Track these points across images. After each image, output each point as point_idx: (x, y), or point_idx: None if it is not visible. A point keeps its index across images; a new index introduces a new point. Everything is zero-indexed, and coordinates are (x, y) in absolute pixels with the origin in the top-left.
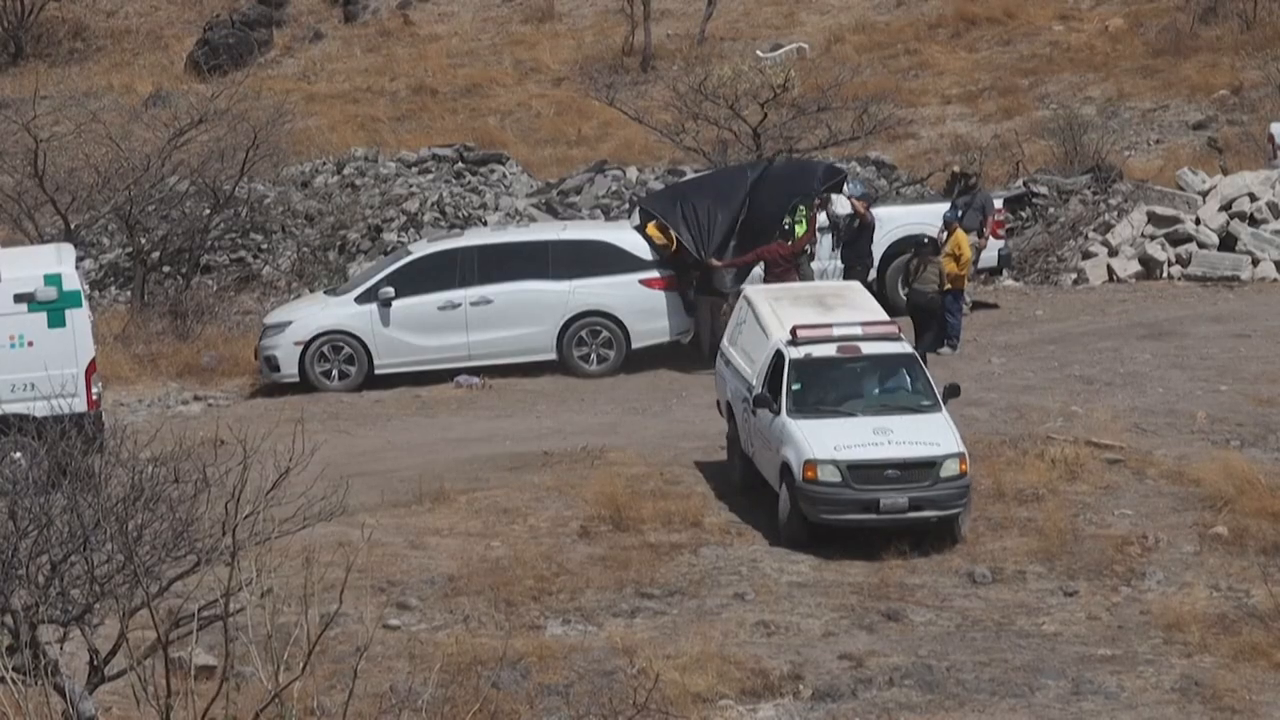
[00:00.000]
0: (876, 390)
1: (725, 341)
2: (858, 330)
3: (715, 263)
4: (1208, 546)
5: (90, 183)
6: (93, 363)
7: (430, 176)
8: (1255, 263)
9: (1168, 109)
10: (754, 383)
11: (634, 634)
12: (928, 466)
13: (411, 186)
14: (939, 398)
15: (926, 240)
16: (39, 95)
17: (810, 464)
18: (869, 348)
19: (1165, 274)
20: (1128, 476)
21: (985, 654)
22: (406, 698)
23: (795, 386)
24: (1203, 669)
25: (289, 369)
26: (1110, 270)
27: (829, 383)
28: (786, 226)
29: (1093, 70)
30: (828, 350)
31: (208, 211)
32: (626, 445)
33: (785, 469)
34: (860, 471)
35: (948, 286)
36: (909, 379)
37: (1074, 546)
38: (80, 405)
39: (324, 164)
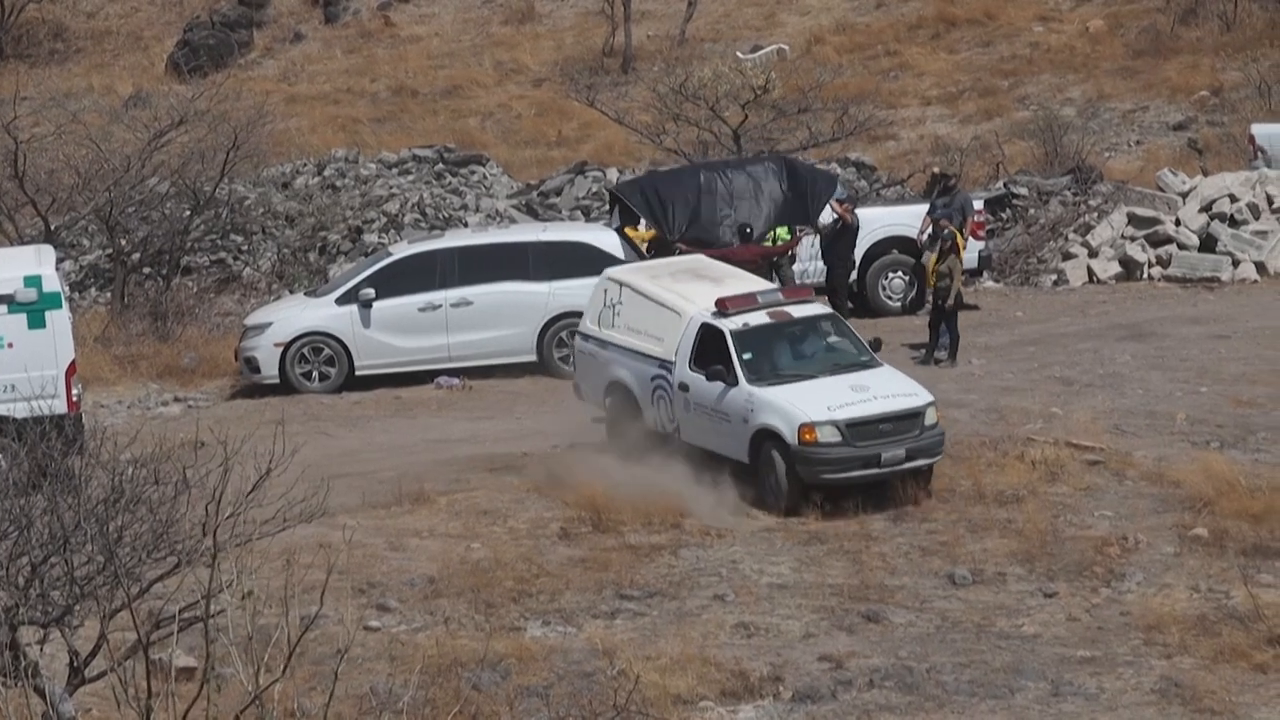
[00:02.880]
0: (819, 352)
1: (591, 326)
2: (779, 296)
3: (682, 246)
4: (1187, 548)
5: (70, 184)
6: (73, 364)
7: (411, 178)
8: (1235, 264)
9: (1148, 110)
10: (672, 359)
11: (614, 635)
12: (915, 417)
13: (392, 188)
14: (872, 352)
15: (945, 234)
16: (19, 96)
17: (807, 426)
18: (797, 311)
19: (1145, 275)
20: (1108, 478)
21: (965, 655)
22: (387, 699)
23: (746, 356)
24: (1182, 670)
25: (269, 370)
26: (1090, 271)
27: (774, 349)
28: (755, 231)
29: (1073, 71)
30: (762, 318)
31: (188, 213)
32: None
33: (768, 436)
34: (858, 428)
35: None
36: (841, 338)
37: (1054, 548)
38: (60, 407)
39: (304, 165)
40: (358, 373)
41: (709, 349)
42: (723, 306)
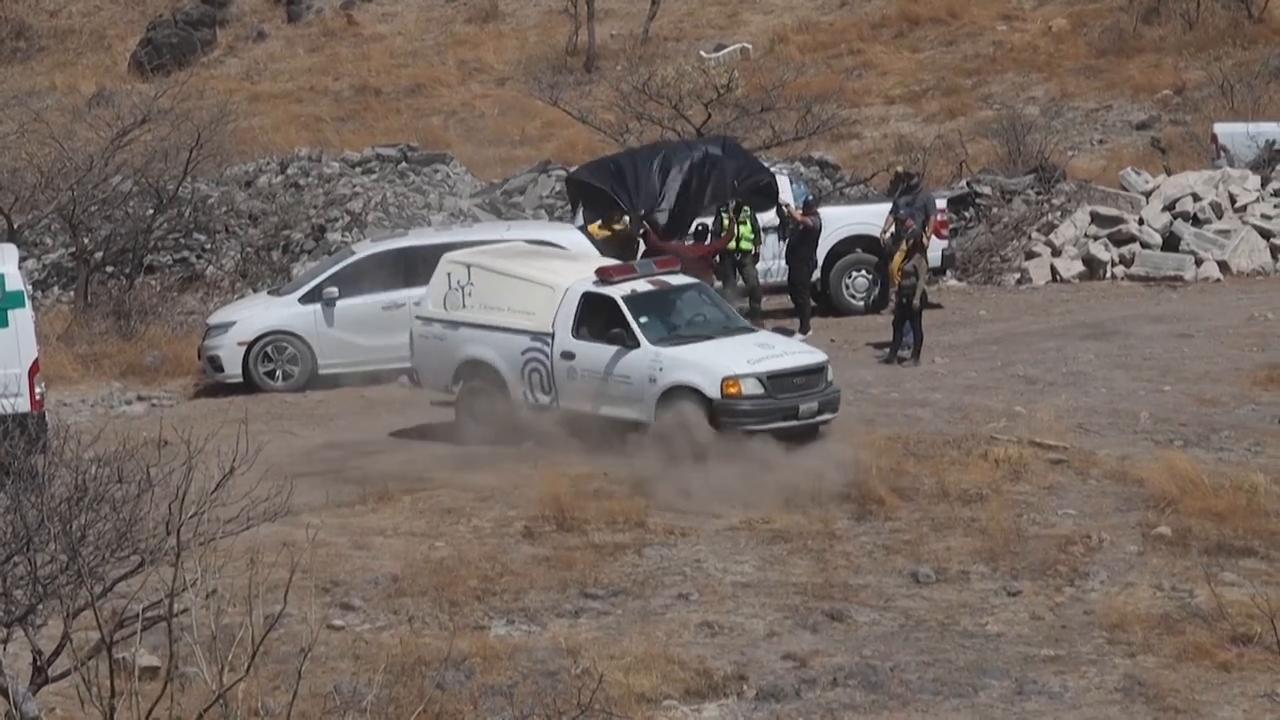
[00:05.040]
0: (702, 316)
1: (435, 309)
2: (652, 266)
3: (646, 225)
4: (1151, 546)
5: (33, 182)
6: (36, 363)
7: (374, 176)
8: (1198, 263)
9: (1111, 109)
10: (548, 331)
11: (578, 634)
12: (819, 372)
13: (355, 186)
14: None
15: (911, 232)
16: None
17: (731, 379)
18: (673, 280)
19: (1109, 274)
20: (1071, 476)
21: (929, 654)
22: (351, 698)
23: (643, 320)
24: (1146, 669)
25: (233, 369)
26: (1054, 270)
27: (664, 314)
28: (709, 228)
29: (1036, 70)
30: (645, 285)
31: (151, 211)
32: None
33: (683, 393)
34: (778, 381)
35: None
36: (715, 305)
37: (1017, 546)
38: (23, 405)
39: (268, 164)
40: (321, 372)
41: (593, 317)
42: (606, 275)
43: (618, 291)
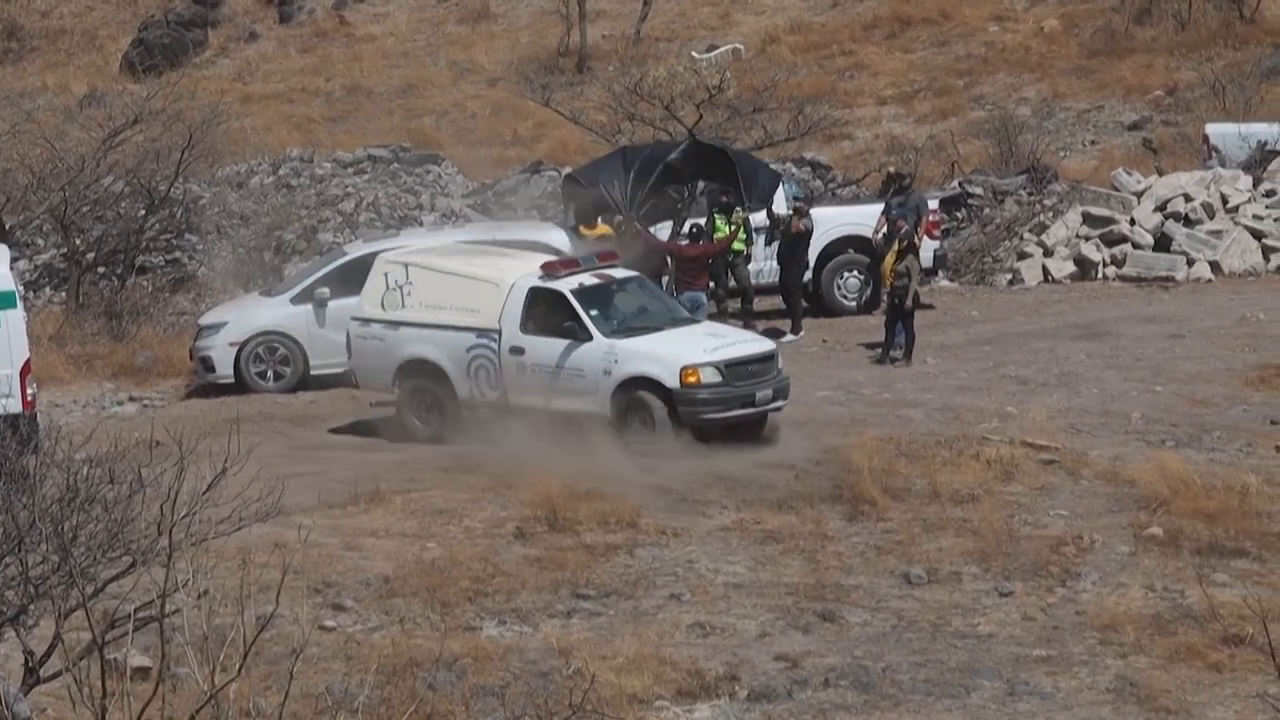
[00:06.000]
0: (646, 309)
1: (373, 310)
2: (595, 260)
3: (638, 226)
4: (1143, 547)
5: (25, 183)
6: (28, 363)
7: (366, 177)
8: (1190, 263)
9: (1103, 110)
10: (495, 327)
11: (570, 635)
12: (771, 360)
13: (347, 187)
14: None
15: (903, 233)
16: None
17: (690, 369)
18: (616, 274)
19: (1100, 275)
20: (1063, 477)
21: (921, 655)
22: (342, 699)
23: (593, 313)
24: (1138, 669)
25: (224, 370)
26: (1045, 271)
27: (611, 306)
28: (703, 228)
29: (1028, 71)
30: (591, 279)
31: (143, 212)
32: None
33: (640, 384)
34: (735, 369)
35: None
36: (656, 297)
37: (1009, 547)
38: (15, 406)
39: (259, 164)
40: (313, 372)
41: (541, 312)
42: (551, 270)
43: (565, 285)
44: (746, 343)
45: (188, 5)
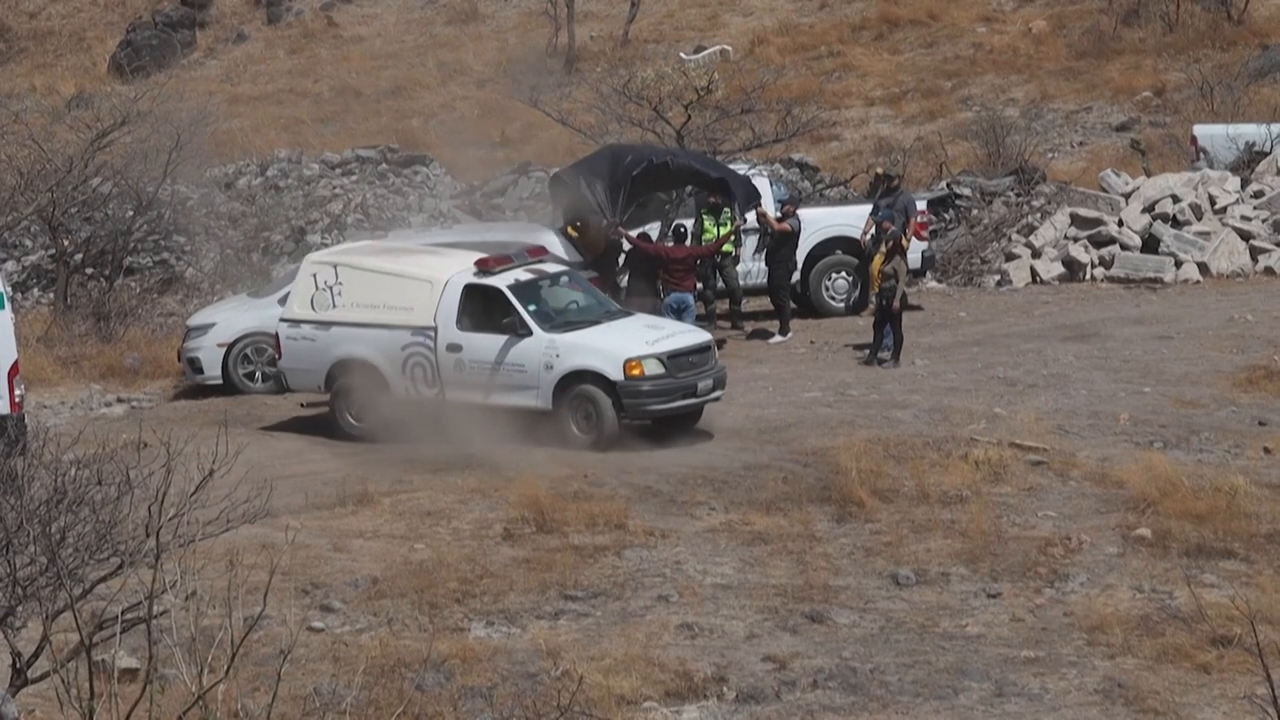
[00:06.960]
0: (580, 302)
1: (302, 311)
2: (526, 255)
3: (621, 229)
4: (1131, 548)
5: (12, 184)
6: (15, 365)
7: (354, 178)
8: (1178, 264)
9: (1091, 111)
10: (430, 325)
11: (558, 636)
12: (709, 350)
13: (335, 188)
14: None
15: (890, 234)
16: None
17: (633, 361)
18: (548, 268)
19: (1088, 276)
20: (1051, 478)
21: (909, 656)
22: (330, 700)
23: (531, 307)
24: (1126, 671)
25: (212, 371)
26: (1034, 272)
27: (547, 301)
28: (688, 229)
29: (1016, 72)
30: (525, 274)
31: (131, 213)
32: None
33: (582, 377)
34: (676, 360)
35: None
36: (588, 291)
37: (997, 548)
38: (3, 407)
39: (247, 166)
40: None
41: (477, 308)
42: (486, 266)
43: (502, 281)
44: (685, 334)
45: (176, 6)
